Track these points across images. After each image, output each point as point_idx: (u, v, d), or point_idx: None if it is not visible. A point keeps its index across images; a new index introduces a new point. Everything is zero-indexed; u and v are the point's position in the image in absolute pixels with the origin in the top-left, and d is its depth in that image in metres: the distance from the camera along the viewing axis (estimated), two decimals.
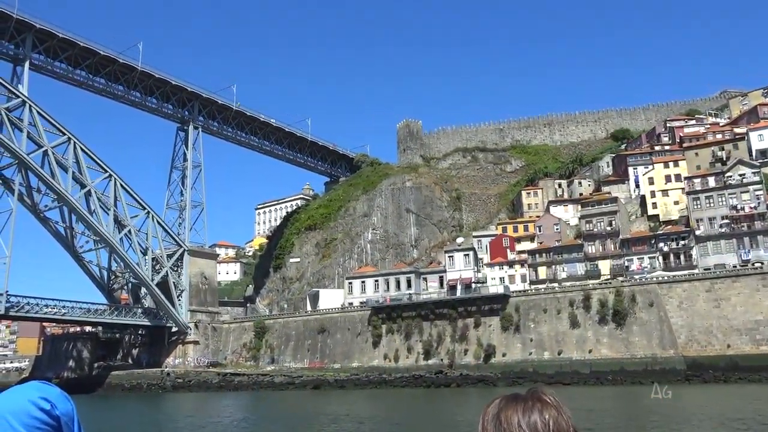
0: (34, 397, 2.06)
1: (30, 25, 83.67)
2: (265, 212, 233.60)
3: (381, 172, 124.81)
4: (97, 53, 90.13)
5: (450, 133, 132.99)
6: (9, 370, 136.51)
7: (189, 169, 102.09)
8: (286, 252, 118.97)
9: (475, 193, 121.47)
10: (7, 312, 76.32)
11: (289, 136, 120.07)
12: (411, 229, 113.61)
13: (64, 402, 2.14)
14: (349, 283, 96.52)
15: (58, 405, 2.10)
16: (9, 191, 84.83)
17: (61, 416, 2.10)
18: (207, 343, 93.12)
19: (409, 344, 77.02)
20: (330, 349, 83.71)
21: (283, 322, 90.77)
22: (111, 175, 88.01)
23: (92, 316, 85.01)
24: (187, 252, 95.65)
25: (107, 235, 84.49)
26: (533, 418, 2.01)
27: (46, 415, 2.05)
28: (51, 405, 2.08)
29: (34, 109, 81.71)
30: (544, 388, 2.14)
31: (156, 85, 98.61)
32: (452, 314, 74.82)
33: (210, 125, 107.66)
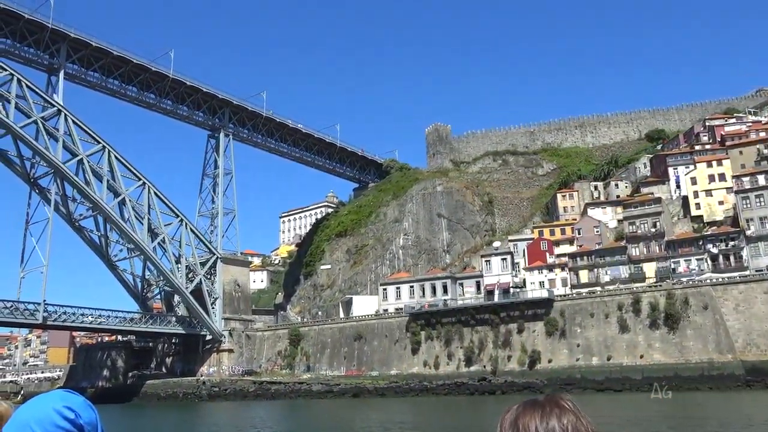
0: (59, 406, 2.11)
1: (64, 35, 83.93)
2: (290, 220, 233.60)
3: (411, 177, 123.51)
4: (129, 61, 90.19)
5: (479, 137, 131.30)
6: (41, 380, 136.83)
7: (220, 177, 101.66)
8: (316, 259, 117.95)
9: (507, 197, 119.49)
10: (45, 322, 76.13)
11: (318, 142, 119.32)
12: (443, 234, 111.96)
13: (87, 411, 2.20)
14: (384, 290, 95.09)
15: (82, 414, 2.16)
16: (45, 201, 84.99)
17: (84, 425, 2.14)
18: (241, 351, 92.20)
19: (450, 351, 75.29)
20: (367, 357, 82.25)
21: (318, 329, 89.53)
22: (145, 183, 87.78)
23: (128, 325, 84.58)
24: (219, 259, 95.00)
25: (142, 243, 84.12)
26: (551, 424, 1.99)
27: (70, 424, 2.10)
28: (75, 414, 2.13)
29: (69, 118, 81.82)
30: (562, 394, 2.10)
31: (187, 92, 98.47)
32: (494, 320, 73.00)
33: (240, 132, 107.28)
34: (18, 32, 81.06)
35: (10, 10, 78.41)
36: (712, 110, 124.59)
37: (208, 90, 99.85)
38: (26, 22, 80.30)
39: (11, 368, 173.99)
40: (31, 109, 78.24)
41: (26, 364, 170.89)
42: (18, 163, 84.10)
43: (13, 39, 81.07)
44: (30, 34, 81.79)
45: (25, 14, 79.62)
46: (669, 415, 44.45)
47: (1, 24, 79.21)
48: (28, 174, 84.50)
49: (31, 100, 78.49)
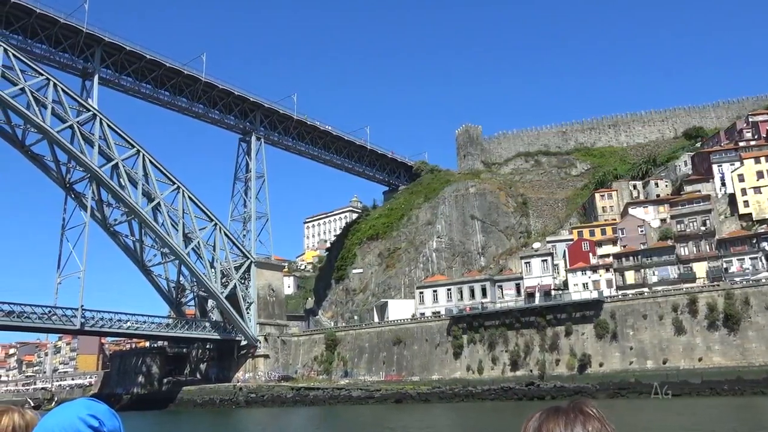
0: (83, 414, 2.17)
1: (99, 39, 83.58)
2: (314, 226, 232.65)
3: (442, 179, 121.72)
4: (162, 65, 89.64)
5: (511, 138, 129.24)
6: (72, 387, 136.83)
7: (253, 180, 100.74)
8: (348, 263, 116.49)
9: (542, 197, 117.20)
10: (82, 327, 75.42)
11: (348, 144, 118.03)
12: (477, 236, 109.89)
13: (111, 419, 2.24)
14: (420, 293, 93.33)
15: (105, 422, 2.21)
16: (81, 206, 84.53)
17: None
18: (277, 356, 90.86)
19: (494, 355, 73.23)
20: (407, 361, 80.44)
21: (355, 333, 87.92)
22: (179, 187, 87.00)
23: (164, 331, 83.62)
24: (253, 264, 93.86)
25: (177, 247, 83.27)
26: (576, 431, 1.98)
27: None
28: (99, 422, 2.19)
29: (104, 122, 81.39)
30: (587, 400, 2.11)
31: (219, 96, 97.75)
32: (540, 322, 70.83)
33: (270, 135, 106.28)
34: (53, 37, 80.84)
35: (47, 14, 78.17)
36: (750, 107, 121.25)
37: (240, 93, 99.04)
38: (62, 26, 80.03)
39: (41, 375, 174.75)
40: (67, 113, 77.88)
41: (56, 371, 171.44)
42: (54, 168, 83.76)
43: (48, 44, 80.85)
44: (65, 38, 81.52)
45: (60, 18, 79.36)
46: (732, 419, 42.19)
47: (38, 28, 79.01)
48: (63, 179, 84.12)
49: (66, 104, 78.14)
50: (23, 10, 76.98)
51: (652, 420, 45.51)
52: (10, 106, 73.38)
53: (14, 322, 69.67)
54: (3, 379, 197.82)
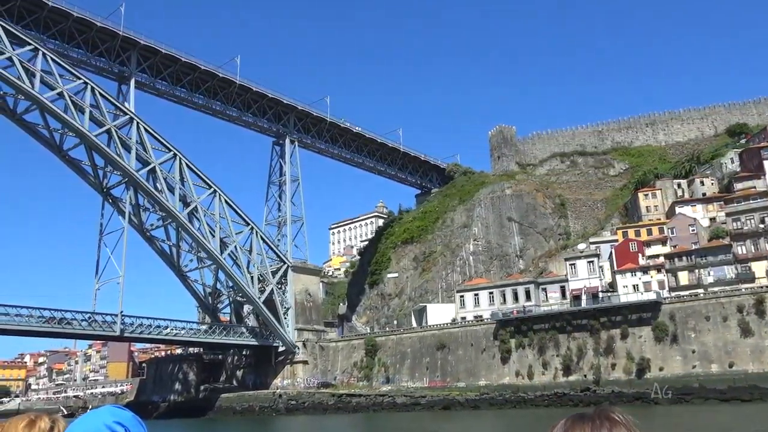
0: (109, 421, 2.21)
1: (135, 42, 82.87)
2: (339, 232, 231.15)
3: (477, 181, 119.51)
4: (197, 68, 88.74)
5: (545, 138, 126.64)
6: (105, 395, 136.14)
7: (288, 184, 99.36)
8: (382, 267, 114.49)
9: (580, 198, 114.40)
10: (122, 333, 74.22)
11: (380, 147, 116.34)
12: (515, 238, 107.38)
13: (137, 426, 2.27)
14: (461, 296, 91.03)
15: (131, 429, 2.24)
16: (118, 211, 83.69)
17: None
18: (315, 362, 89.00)
19: (544, 359, 70.62)
20: (452, 367, 78.08)
21: (395, 339, 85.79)
22: (215, 191, 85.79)
23: (202, 336, 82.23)
24: (290, 268, 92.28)
25: (215, 252, 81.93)
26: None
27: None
28: (125, 429, 2.22)
29: (141, 125, 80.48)
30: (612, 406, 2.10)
31: (253, 98, 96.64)
32: (594, 325, 68.10)
33: (303, 138, 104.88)
34: (90, 41, 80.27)
35: (84, 18, 77.62)
36: None
37: (274, 96, 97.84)
38: (98, 30, 79.48)
39: (71, 383, 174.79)
40: (105, 117, 77.03)
41: (86, 379, 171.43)
42: (91, 173, 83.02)
43: (85, 48, 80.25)
44: (102, 42, 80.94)
45: (97, 22, 78.80)
46: None
47: (75, 32, 78.47)
48: (101, 184, 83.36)
49: (104, 108, 77.33)
50: (61, 14, 76.51)
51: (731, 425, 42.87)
52: (49, 110, 72.76)
53: (56, 328, 68.68)
54: (33, 387, 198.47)
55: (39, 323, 66.85)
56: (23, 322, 65.80)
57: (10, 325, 65.29)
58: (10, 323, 65.21)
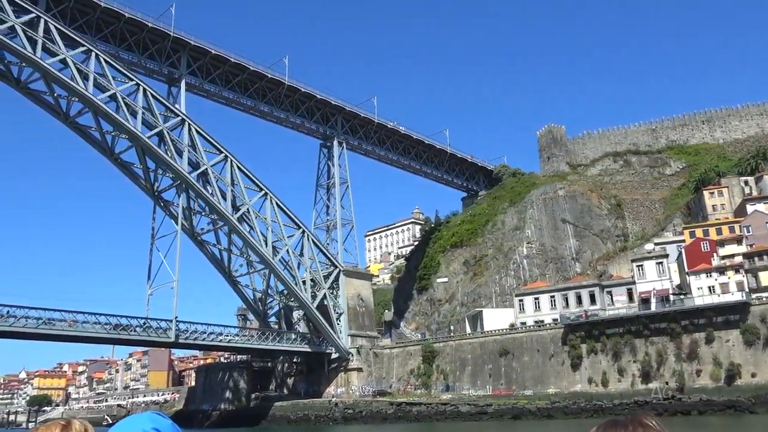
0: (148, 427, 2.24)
1: (185, 43, 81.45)
2: (375, 239, 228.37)
3: (527, 182, 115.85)
4: (246, 69, 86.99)
5: (597, 137, 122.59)
6: (148, 404, 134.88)
7: (337, 186, 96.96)
8: (431, 272, 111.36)
9: (636, 199, 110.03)
10: (177, 339, 72.22)
11: (428, 149, 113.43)
12: (570, 241, 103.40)
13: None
14: (520, 301, 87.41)
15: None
16: (169, 214, 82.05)
17: None
18: (370, 370, 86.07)
19: (620, 365, 66.64)
20: (517, 374, 74.43)
21: (454, 345, 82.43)
22: (266, 194, 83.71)
23: (256, 343, 79.85)
24: (342, 272, 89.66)
25: (268, 256, 79.72)
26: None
27: None
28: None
29: (192, 127, 78.89)
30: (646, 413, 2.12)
31: (301, 100, 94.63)
32: (674, 329, 63.98)
33: (349, 140, 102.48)
34: (141, 43, 79.05)
35: (136, 18, 76.41)
36: None
37: (323, 97, 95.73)
38: (149, 31, 78.19)
39: (112, 392, 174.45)
40: (157, 119, 75.59)
41: (127, 388, 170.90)
42: (142, 176, 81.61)
43: (136, 50, 79.01)
44: (152, 43, 79.66)
45: (148, 22, 77.52)
46: None
47: (126, 34, 77.31)
48: (152, 187, 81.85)
49: (156, 110, 75.90)
50: (113, 15, 75.37)
51: None
52: (102, 112, 71.48)
53: (119, 335, 66.99)
54: (74, 396, 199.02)
55: (107, 330, 65.18)
56: (90, 329, 64.20)
57: (80, 332, 63.94)
58: (80, 331, 63.87)
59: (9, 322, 58.89)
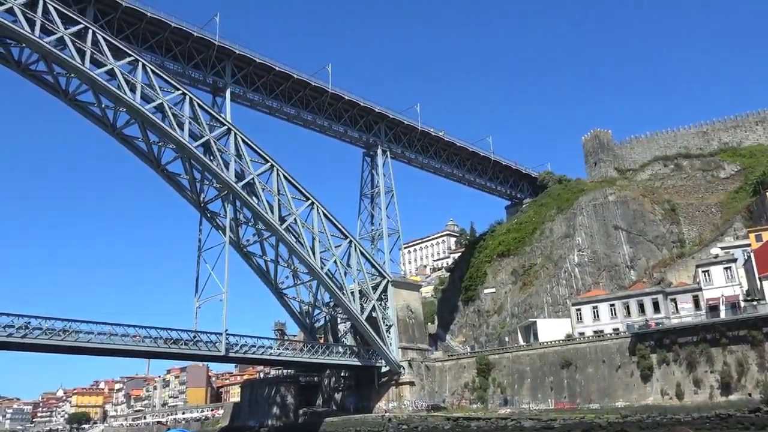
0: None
1: (230, 52, 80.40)
2: (410, 252, 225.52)
3: (574, 189, 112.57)
4: (290, 77, 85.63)
5: (645, 141, 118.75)
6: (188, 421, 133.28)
7: (382, 195, 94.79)
8: (477, 283, 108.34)
9: (692, 203, 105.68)
10: (227, 353, 70.12)
11: (471, 156, 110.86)
12: (623, 247, 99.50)
13: None
14: (577, 310, 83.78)
15: None
16: (215, 226, 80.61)
17: None
18: (422, 383, 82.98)
19: (696, 376, 62.60)
20: (581, 387, 70.69)
21: (511, 357, 79.01)
22: (313, 203, 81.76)
23: (306, 356, 77.41)
24: (390, 283, 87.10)
25: (316, 266, 77.56)
26: None
27: None
28: None
29: (238, 136, 77.47)
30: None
31: (344, 108, 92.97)
32: (755, 336, 59.92)
33: (392, 148, 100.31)
34: (186, 53, 78.20)
35: (182, 28, 75.58)
36: None
37: (366, 104, 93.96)
38: (194, 40, 77.26)
39: (150, 410, 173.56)
40: (204, 128, 74.34)
41: (165, 405, 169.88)
42: (188, 186, 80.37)
43: (181, 60, 78.13)
44: (197, 53, 78.77)
45: (194, 32, 76.62)
46: None
47: (172, 44, 76.51)
48: (198, 199, 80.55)
49: (202, 119, 74.69)
50: (159, 26, 74.66)
51: None
52: (149, 122, 70.42)
53: (163, 348, 65.11)
54: (111, 413, 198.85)
55: (158, 345, 63.53)
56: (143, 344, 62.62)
57: (135, 347, 62.61)
58: (137, 345, 62.61)
59: (73, 337, 57.64)
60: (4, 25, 61.12)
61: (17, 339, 54.29)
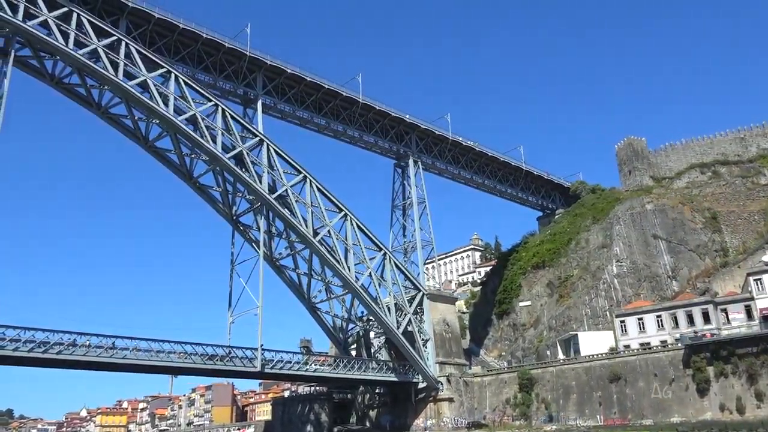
0: None
1: (261, 63, 79.39)
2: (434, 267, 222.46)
3: (609, 198, 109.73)
4: (321, 87, 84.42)
5: (680, 149, 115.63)
6: None
7: (415, 206, 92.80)
8: (512, 296, 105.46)
9: (733, 211, 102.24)
10: (263, 369, 68.12)
11: (503, 167, 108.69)
12: (663, 257, 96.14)
13: None
14: (621, 322, 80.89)
15: None
16: (247, 239, 79.10)
17: None
18: (461, 399, 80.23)
19: (757, 389, 59.52)
20: (632, 401, 67.61)
21: (554, 371, 76.14)
22: (346, 215, 79.97)
23: (342, 372, 75.10)
24: (426, 296, 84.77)
25: (350, 279, 75.56)
26: None
27: None
28: None
29: (271, 147, 76.10)
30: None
31: (375, 118, 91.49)
32: None
33: (423, 158, 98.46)
34: (217, 64, 77.33)
35: (213, 39, 74.74)
36: None
37: (397, 115, 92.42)
38: (226, 51, 76.38)
39: (175, 429, 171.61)
40: (236, 140, 73.08)
41: (191, 424, 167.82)
42: (220, 199, 79.10)
43: (213, 71, 77.24)
44: (229, 64, 77.88)
45: (226, 43, 75.77)
46: None
47: (203, 55, 75.71)
48: (230, 212, 79.17)
49: (235, 131, 73.46)
50: (191, 37, 73.85)
51: None
52: (183, 133, 69.29)
53: (198, 364, 63.21)
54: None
55: (193, 361, 61.77)
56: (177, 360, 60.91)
57: (184, 364, 61.30)
58: (186, 363, 61.34)
59: (120, 354, 56.35)
60: (38, 38, 60.63)
61: (67, 356, 52.93)
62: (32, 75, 67.23)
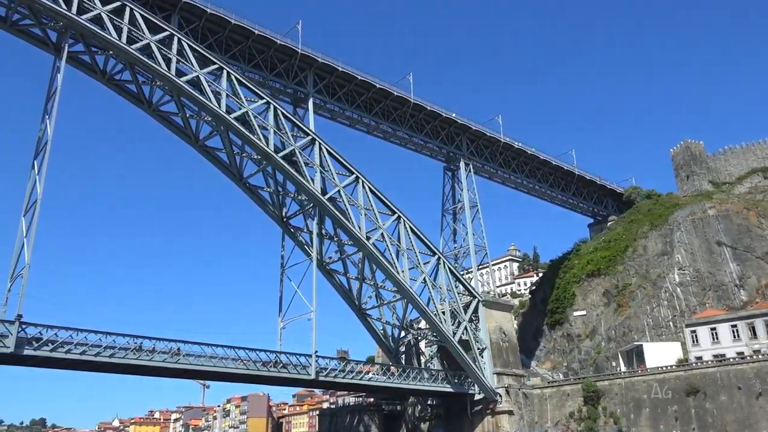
0: None
1: (311, 61, 76.97)
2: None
3: (666, 203, 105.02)
4: (372, 87, 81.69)
5: (740, 152, 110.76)
6: None
7: (467, 210, 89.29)
8: (566, 305, 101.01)
9: None
10: (317, 377, 64.92)
11: (554, 171, 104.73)
12: (729, 265, 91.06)
13: None
14: (692, 332, 76.09)
15: None
16: (297, 243, 76.35)
17: None
18: (520, 413, 75.98)
19: None
20: (713, 417, 62.77)
21: (623, 383, 71.53)
22: (399, 217, 76.73)
23: (397, 382, 71.50)
24: (481, 303, 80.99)
25: (406, 284, 72.17)
26: None
27: None
28: None
29: (323, 147, 73.40)
30: None
31: (425, 119, 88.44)
32: None
33: (474, 161, 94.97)
34: (268, 62, 75.13)
35: (265, 35, 72.58)
36: None
37: (448, 115, 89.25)
38: (277, 48, 74.06)
39: None
40: (288, 138, 70.52)
41: None
42: (270, 200, 76.60)
43: (264, 69, 75.05)
44: (279, 62, 75.61)
45: (277, 40, 73.54)
46: None
47: (254, 52, 73.58)
48: (280, 213, 76.58)
49: (287, 129, 70.96)
50: (242, 33, 71.81)
51: None
52: (235, 131, 66.92)
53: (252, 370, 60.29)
54: None
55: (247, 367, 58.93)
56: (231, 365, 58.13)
57: (247, 371, 58.88)
58: (250, 369, 58.97)
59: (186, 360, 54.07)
60: (92, 32, 58.91)
61: (132, 360, 50.52)
62: (84, 71, 65.58)
